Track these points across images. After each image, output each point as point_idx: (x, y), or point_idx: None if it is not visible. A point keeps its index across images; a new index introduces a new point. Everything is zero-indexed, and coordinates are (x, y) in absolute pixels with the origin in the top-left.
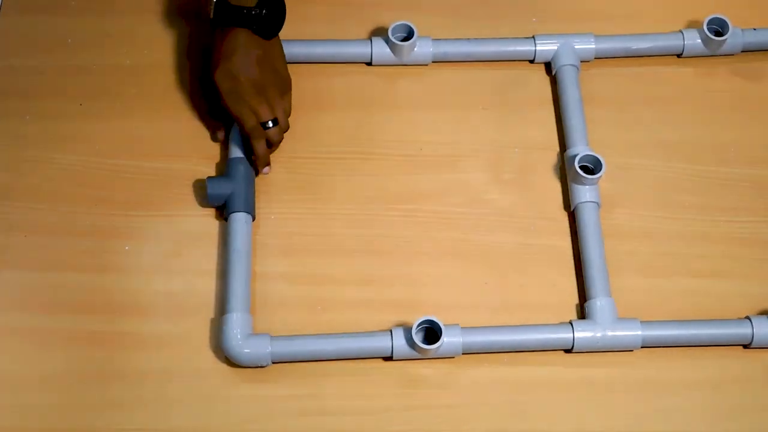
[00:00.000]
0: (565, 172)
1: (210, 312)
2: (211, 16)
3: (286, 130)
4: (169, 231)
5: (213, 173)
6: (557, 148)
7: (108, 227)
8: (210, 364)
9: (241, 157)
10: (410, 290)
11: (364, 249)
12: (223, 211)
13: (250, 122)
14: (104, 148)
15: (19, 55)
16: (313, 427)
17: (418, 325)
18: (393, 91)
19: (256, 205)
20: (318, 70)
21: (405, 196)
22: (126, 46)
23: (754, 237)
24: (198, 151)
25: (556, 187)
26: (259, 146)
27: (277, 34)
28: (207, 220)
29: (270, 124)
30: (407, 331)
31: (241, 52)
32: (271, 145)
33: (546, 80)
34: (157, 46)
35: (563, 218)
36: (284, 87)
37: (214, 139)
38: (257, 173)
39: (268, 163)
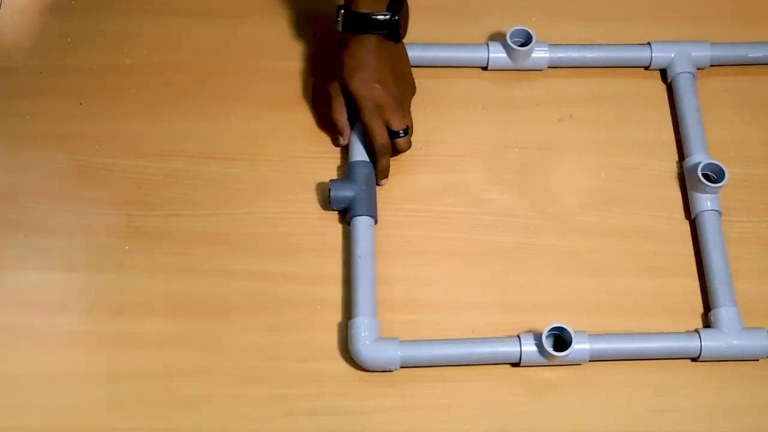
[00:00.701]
0: (684, 179)
1: (212, 312)
2: (339, 28)
3: (411, 135)
4: (169, 231)
5: (216, 171)
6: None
7: (108, 227)
8: (214, 363)
9: (363, 161)
10: (410, 290)
11: None
12: (345, 215)
13: (381, 139)
14: (104, 148)
15: (19, 55)
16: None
17: (547, 332)
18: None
19: (254, 203)
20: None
21: (405, 196)
22: (126, 46)
23: None
24: (199, 151)
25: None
26: (384, 161)
27: (403, 37)
28: (208, 220)
29: (401, 132)
30: (537, 337)
31: (376, 59)
32: (399, 152)
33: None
34: (157, 46)
35: (564, 218)
36: (413, 92)
37: (336, 144)
38: (378, 184)
39: (387, 175)
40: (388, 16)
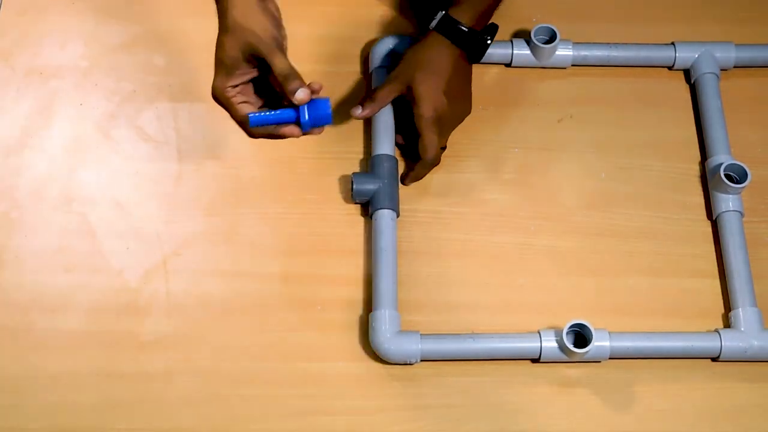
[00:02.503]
0: (707, 179)
1: (212, 312)
2: (432, 26)
3: None
4: (169, 232)
5: (220, 171)
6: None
7: (108, 227)
8: (215, 363)
9: (386, 154)
10: (409, 290)
11: (365, 249)
12: (368, 208)
13: (433, 151)
14: None
15: (19, 55)
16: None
17: (568, 329)
18: None
19: (259, 203)
20: None
21: (405, 196)
22: (126, 46)
23: None
24: (202, 152)
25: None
26: (423, 172)
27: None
28: (207, 220)
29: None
30: (557, 333)
31: (451, 72)
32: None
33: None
34: (158, 46)
35: (564, 219)
36: (468, 114)
37: (353, 112)
38: (402, 182)
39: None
40: (479, 35)
